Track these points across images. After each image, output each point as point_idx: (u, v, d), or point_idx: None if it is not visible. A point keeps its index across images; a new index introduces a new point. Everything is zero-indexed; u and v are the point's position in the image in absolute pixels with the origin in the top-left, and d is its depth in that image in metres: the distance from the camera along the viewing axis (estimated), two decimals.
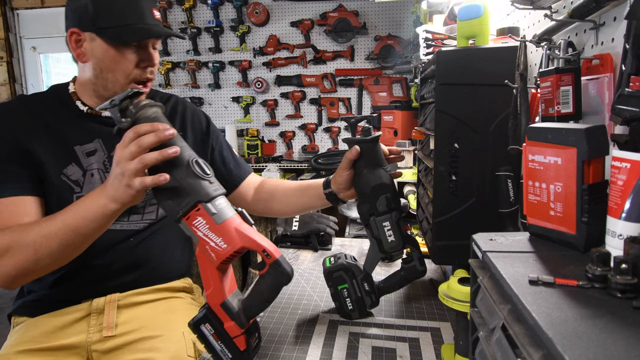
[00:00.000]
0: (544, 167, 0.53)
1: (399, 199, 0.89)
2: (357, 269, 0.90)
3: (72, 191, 0.94)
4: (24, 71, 3.39)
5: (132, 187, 0.70)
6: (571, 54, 0.72)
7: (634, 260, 0.38)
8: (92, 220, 0.76)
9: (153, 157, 0.69)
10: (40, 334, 0.91)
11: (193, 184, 0.69)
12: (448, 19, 1.28)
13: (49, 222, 0.79)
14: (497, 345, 0.43)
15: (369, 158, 0.88)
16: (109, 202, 0.74)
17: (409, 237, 0.89)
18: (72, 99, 0.99)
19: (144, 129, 0.70)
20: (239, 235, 0.69)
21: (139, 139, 0.69)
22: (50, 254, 0.78)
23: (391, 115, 2.67)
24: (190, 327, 0.73)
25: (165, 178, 0.68)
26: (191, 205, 0.69)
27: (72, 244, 0.78)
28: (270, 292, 0.73)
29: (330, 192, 0.99)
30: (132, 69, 0.92)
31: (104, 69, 0.92)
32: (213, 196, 0.70)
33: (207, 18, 2.99)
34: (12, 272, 0.79)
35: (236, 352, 0.72)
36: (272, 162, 3.01)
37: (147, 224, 1.02)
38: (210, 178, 0.72)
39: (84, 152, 0.97)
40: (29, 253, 0.77)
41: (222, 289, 0.71)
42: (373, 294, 0.91)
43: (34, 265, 0.79)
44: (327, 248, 1.40)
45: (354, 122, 0.92)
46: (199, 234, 0.69)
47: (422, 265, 0.91)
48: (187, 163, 0.70)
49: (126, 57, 0.91)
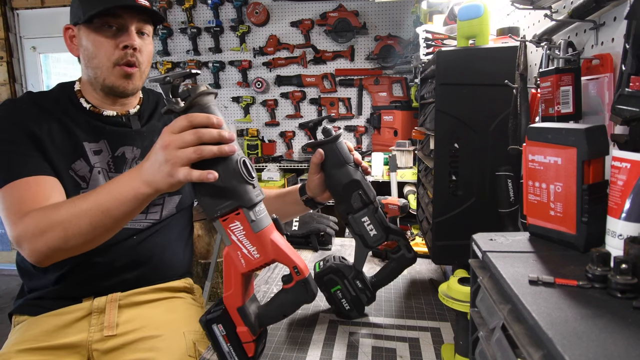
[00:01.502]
0: (544, 167, 0.53)
1: (372, 191, 0.88)
2: (347, 268, 0.90)
3: (78, 187, 0.94)
4: (24, 71, 3.39)
5: (174, 176, 0.65)
6: (571, 54, 0.72)
7: (634, 260, 0.38)
8: (123, 203, 0.73)
9: (212, 151, 0.64)
10: (41, 332, 0.92)
11: (238, 187, 0.66)
12: (448, 19, 1.28)
13: (80, 201, 0.77)
14: (497, 345, 0.43)
15: (334, 158, 0.87)
16: (142, 185, 0.71)
17: (391, 227, 0.89)
18: (77, 96, 1.00)
19: (199, 119, 0.65)
20: (273, 247, 0.68)
21: (199, 131, 0.65)
22: (80, 234, 0.76)
23: (391, 115, 2.67)
24: (202, 323, 0.72)
25: (215, 177, 0.63)
26: (232, 209, 0.66)
27: (101, 225, 0.76)
28: (290, 308, 0.73)
29: (307, 198, 0.99)
30: (113, 51, 0.93)
31: (90, 56, 0.94)
32: (255, 202, 0.67)
33: (207, 18, 3.00)
34: (44, 249, 0.78)
35: (244, 357, 0.71)
36: (272, 162, 3.02)
37: (151, 224, 1.03)
38: (255, 182, 0.68)
39: (92, 150, 0.97)
40: (60, 231, 0.76)
41: (242, 293, 0.70)
42: (367, 290, 0.91)
43: (63, 244, 0.77)
44: (327, 248, 1.40)
45: (311, 125, 0.91)
46: (233, 237, 0.67)
47: (410, 252, 0.91)
48: (235, 163, 0.66)
49: (105, 38, 0.92)
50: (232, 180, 0.65)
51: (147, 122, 1.07)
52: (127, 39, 0.93)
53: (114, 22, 0.92)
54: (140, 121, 1.05)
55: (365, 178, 0.88)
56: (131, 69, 0.96)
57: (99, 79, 0.96)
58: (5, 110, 0.93)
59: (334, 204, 0.91)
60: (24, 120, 0.91)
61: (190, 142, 0.64)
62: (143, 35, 0.97)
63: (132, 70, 0.96)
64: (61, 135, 0.94)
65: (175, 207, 1.07)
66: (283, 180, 2.81)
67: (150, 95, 1.12)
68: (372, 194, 0.88)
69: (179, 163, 0.65)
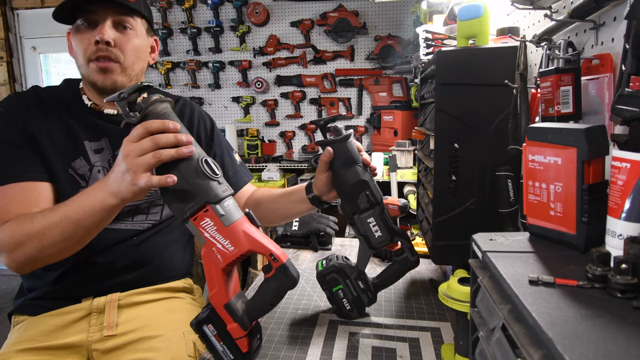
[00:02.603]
0: (544, 167, 0.53)
1: (380, 193, 0.88)
2: (350, 268, 0.90)
3: (78, 185, 0.94)
4: (24, 71, 3.39)
5: (136, 184, 0.68)
6: (571, 54, 0.72)
7: (634, 260, 0.38)
8: (91, 214, 0.75)
9: (169, 154, 0.67)
10: (40, 332, 0.91)
11: (201, 185, 0.67)
12: (448, 19, 1.28)
13: (52, 213, 0.79)
14: (497, 345, 0.43)
15: (343, 157, 0.87)
16: (108, 197, 0.73)
17: (396, 229, 0.89)
18: (80, 94, 1.00)
19: (154, 125, 0.68)
20: (246, 238, 0.68)
21: (155, 137, 0.67)
22: (54, 244, 0.78)
23: (391, 115, 2.67)
24: (193, 327, 0.72)
25: (174, 180, 0.66)
26: (199, 206, 0.67)
27: (74, 236, 0.78)
28: (274, 296, 0.72)
29: (313, 196, 0.99)
30: (87, 47, 0.91)
31: (75, 56, 0.95)
32: (222, 197, 0.69)
33: (207, 18, 2.99)
34: (22, 260, 0.81)
35: (238, 353, 0.72)
36: (272, 162, 3.01)
37: (151, 225, 1.02)
38: (219, 178, 0.70)
39: (92, 149, 0.97)
40: (35, 242, 0.78)
41: (226, 290, 0.70)
42: (369, 291, 0.91)
43: (40, 254, 0.79)
44: (327, 248, 1.40)
45: (322, 123, 0.91)
46: (206, 235, 0.68)
47: (413, 256, 0.91)
48: (197, 162, 0.68)
49: (82, 35, 0.92)
50: (195, 179, 0.68)
51: None
52: (97, 33, 0.90)
53: (89, 18, 0.91)
54: None
55: (373, 179, 0.88)
56: (104, 64, 0.91)
57: (85, 78, 0.96)
58: (6, 107, 0.93)
59: (340, 203, 0.91)
60: (22, 118, 0.91)
61: (148, 148, 0.67)
62: (125, 29, 0.94)
63: (106, 65, 0.92)
64: (62, 133, 0.94)
65: None
66: (283, 180, 2.81)
67: None
68: (379, 196, 0.88)
69: (140, 170, 0.67)
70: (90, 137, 0.97)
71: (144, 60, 1.01)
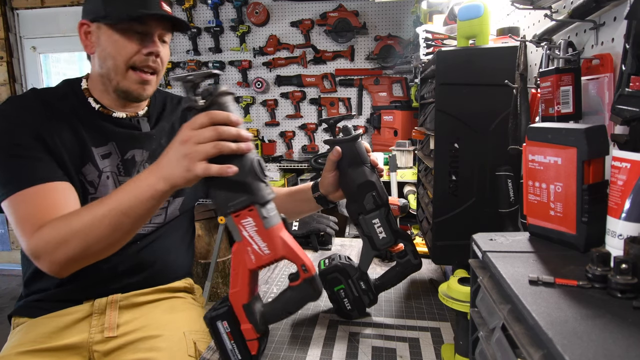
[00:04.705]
0: (544, 167, 0.53)
1: (386, 194, 0.88)
2: (352, 268, 0.90)
3: (87, 192, 0.93)
4: (24, 71, 3.39)
5: (192, 171, 0.67)
6: (571, 54, 0.72)
7: (634, 260, 0.38)
8: (141, 202, 0.73)
9: (230, 147, 0.66)
10: (41, 334, 0.91)
11: (252, 184, 0.68)
12: (448, 19, 1.28)
13: (99, 205, 0.76)
14: (497, 345, 0.43)
15: (351, 157, 0.87)
16: (159, 181, 0.71)
17: (400, 232, 0.89)
18: (84, 95, 0.97)
19: (220, 116, 0.67)
20: (283, 244, 0.68)
21: (219, 128, 0.67)
22: (100, 239, 0.76)
23: (391, 115, 2.67)
24: (206, 320, 0.72)
25: (235, 170, 0.66)
26: (246, 205, 0.67)
27: (121, 228, 0.76)
28: (295, 306, 0.73)
29: (319, 195, 0.99)
30: (133, 55, 0.91)
31: (107, 56, 0.91)
32: (267, 200, 0.69)
33: (207, 18, 2.99)
34: (64, 260, 0.78)
35: (246, 355, 0.72)
36: (272, 162, 3.02)
37: (154, 228, 1.02)
38: (267, 180, 0.71)
39: (100, 155, 0.95)
40: (80, 239, 0.76)
41: (248, 291, 0.70)
42: (370, 292, 0.91)
43: (84, 251, 0.77)
44: (327, 248, 1.40)
45: (332, 122, 0.91)
46: (244, 233, 0.68)
47: (416, 259, 0.91)
48: (251, 161, 0.69)
49: (129, 42, 0.90)
50: (248, 177, 0.67)
51: (155, 124, 1.05)
52: (153, 46, 0.92)
53: (140, 28, 0.91)
54: (149, 123, 1.04)
55: (379, 180, 0.88)
56: (149, 76, 0.94)
57: (112, 81, 0.94)
58: (11, 110, 0.89)
59: (346, 203, 0.91)
60: (31, 120, 0.88)
61: (209, 138, 0.66)
62: (164, 42, 0.97)
63: (150, 78, 0.95)
64: (71, 137, 0.92)
65: (178, 209, 1.07)
66: (283, 181, 2.81)
67: (157, 95, 1.10)
68: (385, 197, 0.88)
69: (198, 157, 0.66)
70: (97, 143, 0.95)
71: None
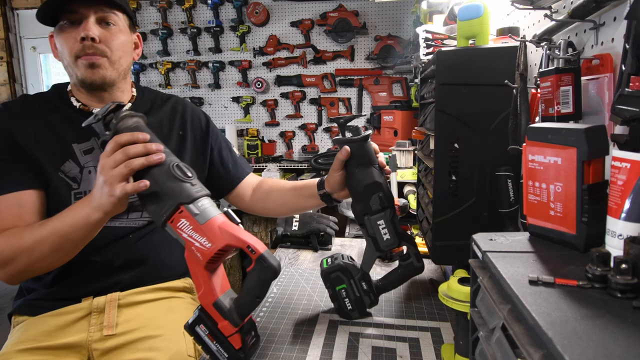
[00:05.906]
0: (544, 167, 0.53)
1: (392, 196, 0.88)
2: (355, 268, 0.90)
3: (69, 188, 0.95)
4: (24, 71, 3.39)
5: (114, 195, 0.72)
6: (571, 54, 0.72)
7: (634, 260, 0.38)
8: (78, 228, 0.80)
9: (139, 162, 0.71)
10: (41, 332, 0.91)
11: (174, 187, 0.71)
12: (448, 19, 1.28)
13: (41, 228, 0.83)
14: (497, 345, 0.43)
15: (360, 157, 0.88)
16: (92, 211, 0.77)
17: (404, 234, 0.89)
18: (68, 96, 1.01)
19: (124, 138, 0.72)
20: (222, 233, 0.69)
21: (126, 148, 0.72)
22: (43, 258, 0.83)
23: (391, 115, 2.67)
24: (186, 329, 0.73)
25: (145, 184, 0.70)
26: (174, 208, 0.70)
27: (62, 249, 0.82)
28: (259, 289, 0.72)
29: (324, 193, 0.99)
30: (73, 45, 0.92)
31: (62, 56, 0.96)
32: (195, 197, 0.71)
33: (207, 18, 2.99)
34: (14, 273, 0.85)
35: (231, 351, 0.72)
36: (272, 162, 3.01)
37: (147, 222, 1.02)
38: (192, 180, 0.73)
39: (82, 150, 0.97)
40: (25, 257, 0.83)
41: (212, 288, 0.71)
42: (372, 293, 0.91)
43: (30, 267, 0.84)
44: (327, 248, 1.40)
45: (343, 122, 0.92)
46: (184, 235, 0.70)
47: (419, 262, 0.91)
48: (168, 167, 0.72)
49: (68, 34, 0.93)
50: (168, 183, 0.71)
51: None
52: (82, 30, 0.91)
53: (72, 17, 0.92)
54: None
55: (387, 182, 0.88)
56: (92, 58, 0.93)
57: (72, 77, 0.97)
58: None
59: (351, 203, 0.91)
60: (9, 128, 0.92)
61: (119, 160, 0.72)
62: (108, 25, 0.96)
63: (94, 59, 0.93)
64: (49, 137, 0.95)
65: None
66: None
67: (145, 93, 1.12)
68: (392, 199, 0.88)
69: (115, 181, 0.72)
70: (79, 139, 0.97)
71: (130, 56, 1.03)
